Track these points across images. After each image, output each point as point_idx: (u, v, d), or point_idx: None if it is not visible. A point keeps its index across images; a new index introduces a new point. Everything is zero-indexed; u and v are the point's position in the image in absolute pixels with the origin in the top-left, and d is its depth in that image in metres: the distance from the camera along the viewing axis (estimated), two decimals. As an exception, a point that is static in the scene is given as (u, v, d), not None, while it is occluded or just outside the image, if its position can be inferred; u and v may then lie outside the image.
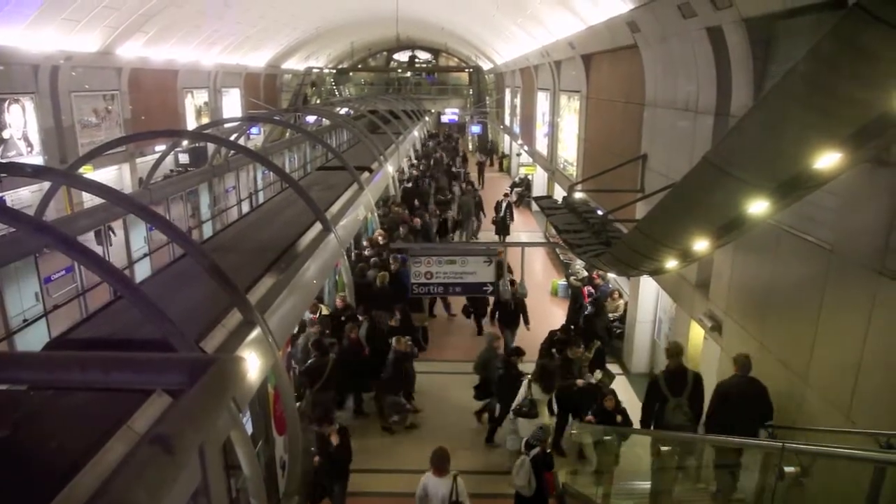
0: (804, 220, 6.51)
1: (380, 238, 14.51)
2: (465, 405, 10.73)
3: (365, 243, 14.95)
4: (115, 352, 2.04)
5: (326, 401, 9.37)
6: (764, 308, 7.44)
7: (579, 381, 9.43)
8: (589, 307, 13.81)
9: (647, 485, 7.76)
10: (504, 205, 21.25)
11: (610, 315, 13.60)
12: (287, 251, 9.46)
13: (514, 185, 29.48)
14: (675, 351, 7.99)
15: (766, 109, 3.83)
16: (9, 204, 16.23)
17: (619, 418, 8.52)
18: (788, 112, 3.57)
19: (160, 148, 21.65)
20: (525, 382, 9.04)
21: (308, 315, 10.31)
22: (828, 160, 3.78)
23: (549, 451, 7.78)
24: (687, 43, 9.22)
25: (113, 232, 14.39)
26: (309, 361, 9.37)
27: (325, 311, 10.76)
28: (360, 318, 11.40)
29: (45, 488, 3.52)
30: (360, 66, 55.84)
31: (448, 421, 10.55)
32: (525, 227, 24.24)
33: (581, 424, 8.84)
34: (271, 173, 19.53)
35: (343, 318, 10.68)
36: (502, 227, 21.00)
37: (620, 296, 13.90)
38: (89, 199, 16.66)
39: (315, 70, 45.97)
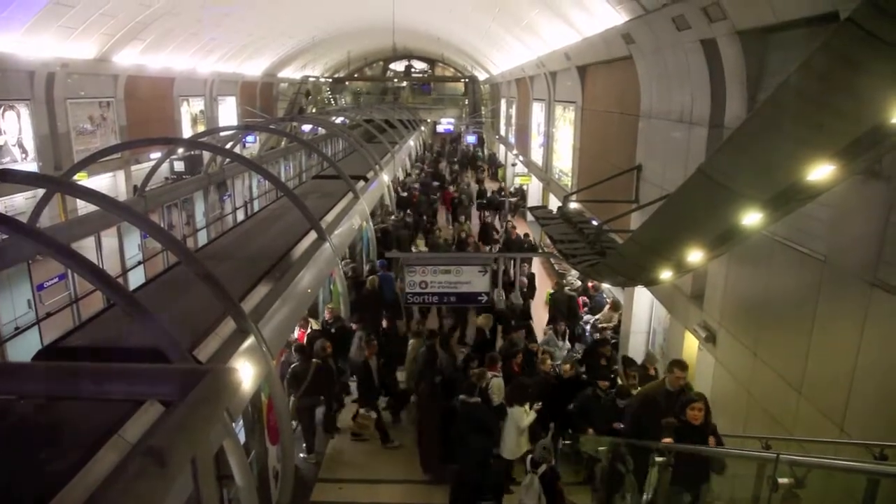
0: (798, 231, 6.54)
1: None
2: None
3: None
4: (107, 361, 2.04)
5: (311, 406, 9.35)
6: (758, 319, 7.46)
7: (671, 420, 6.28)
8: (584, 316, 13.85)
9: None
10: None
11: (603, 325, 13.62)
12: (282, 260, 9.44)
13: (501, 188, 29.47)
14: None
15: (759, 121, 3.85)
16: (2, 210, 16.17)
17: (711, 441, 6.06)
18: (781, 124, 3.60)
19: (155, 155, 21.64)
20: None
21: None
22: (820, 172, 3.81)
23: (554, 465, 7.67)
24: (681, 55, 9.28)
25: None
26: (292, 366, 9.31)
27: (314, 326, 10.63)
28: (354, 326, 11.45)
29: (34, 499, 3.48)
30: (356, 75, 55.97)
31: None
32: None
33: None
34: (267, 182, 19.52)
35: (333, 331, 10.60)
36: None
37: (615, 307, 13.90)
38: (83, 207, 16.61)
39: (311, 79, 46.05)
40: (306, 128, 31.16)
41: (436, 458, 8.93)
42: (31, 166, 18.96)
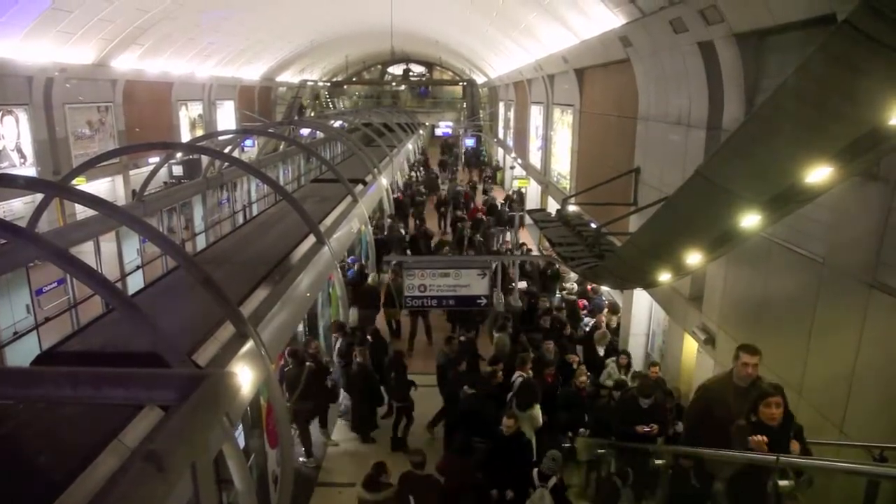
0: (796, 233, 6.55)
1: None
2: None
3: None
4: (106, 366, 2.03)
5: (308, 410, 9.33)
6: (757, 320, 7.46)
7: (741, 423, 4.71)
8: (585, 318, 13.82)
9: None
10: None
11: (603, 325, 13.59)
12: (280, 263, 9.43)
13: (507, 198, 29.51)
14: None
15: (757, 124, 3.86)
16: (1, 215, 16.15)
17: (795, 447, 4.65)
18: (779, 126, 3.60)
19: (154, 160, 21.60)
20: None
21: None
22: (819, 174, 3.81)
23: (562, 477, 7.46)
24: (679, 57, 9.30)
25: None
26: (286, 370, 9.27)
27: None
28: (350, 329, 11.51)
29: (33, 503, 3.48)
30: (354, 79, 56.04)
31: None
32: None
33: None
34: (265, 186, 19.51)
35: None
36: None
37: (613, 309, 13.90)
38: (82, 211, 16.58)
39: (310, 83, 46.12)
40: (304, 131, 31.19)
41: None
42: (29, 171, 18.94)
